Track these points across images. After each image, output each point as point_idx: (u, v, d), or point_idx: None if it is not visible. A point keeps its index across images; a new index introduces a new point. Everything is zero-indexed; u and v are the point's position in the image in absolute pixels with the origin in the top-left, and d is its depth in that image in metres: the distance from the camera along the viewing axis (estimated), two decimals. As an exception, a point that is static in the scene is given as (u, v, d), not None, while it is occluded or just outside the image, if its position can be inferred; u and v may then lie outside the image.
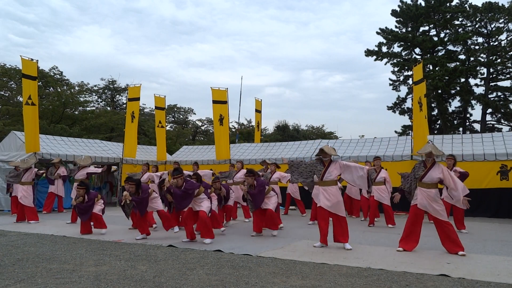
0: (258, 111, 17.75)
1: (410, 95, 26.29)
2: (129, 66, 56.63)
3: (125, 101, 27.90)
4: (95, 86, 30.60)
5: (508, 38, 27.96)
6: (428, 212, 6.11)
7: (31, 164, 10.44)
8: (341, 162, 6.64)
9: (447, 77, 26.95)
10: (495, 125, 29.40)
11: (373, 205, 9.33)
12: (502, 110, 27.83)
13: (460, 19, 29.40)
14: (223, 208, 8.90)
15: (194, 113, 36.73)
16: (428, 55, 29.13)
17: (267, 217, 7.59)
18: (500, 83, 28.85)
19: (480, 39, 29.24)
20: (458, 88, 28.51)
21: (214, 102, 14.33)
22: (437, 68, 27.68)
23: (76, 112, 26.39)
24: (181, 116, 36.01)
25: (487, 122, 29.03)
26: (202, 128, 35.75)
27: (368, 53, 30.73)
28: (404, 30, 30.64)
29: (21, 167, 10.30)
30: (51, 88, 26.27)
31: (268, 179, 9.10)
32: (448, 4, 28.91)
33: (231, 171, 10.56)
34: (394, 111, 31.60)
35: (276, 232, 7.64)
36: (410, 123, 13.52)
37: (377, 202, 9.28)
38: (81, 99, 26.88)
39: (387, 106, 31.72)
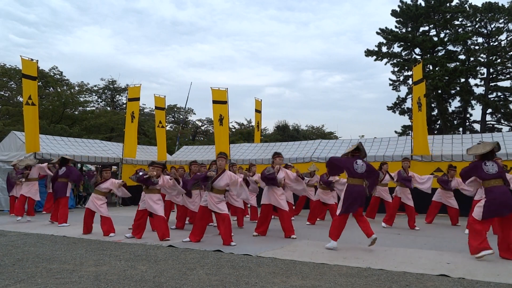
0: (258, 111, 17.75)
1: (410, 95, 26.28)
2: (129, 66, 56.70)
3: (125, 101, 27.86)
4: (95, 86, 30.64)
5: (508, 38, 27.95)
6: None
7: (25, 163, 10.42)
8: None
9: (447, 77, 26.92)
10: (495, 125, 29.39)
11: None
12: (502, 110, 27.82)
13: (460, 19, 29.38)
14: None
15: (194, 113, 36.63)
16: (428, 55, 29.11)
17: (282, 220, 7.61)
18: (500, 83, 28.85)
19: (480, 39, 29.22)
20: (458, 88, 28.49)
21: (214, 102, 14.34)
22: (437, 68, 27.66)
23: (76, 112, 26.38)
24: (181, 116, 35.98)
25: (487, 122, 29.01)
26: (202, 128, 35.73)
27: (368, 53, 30.70)
28: (404, 30, 30.60)
29: (20, 165, 10.37)
30: (51, 88, 26.27)
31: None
32: (448, 4, 28.89)
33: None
34: (394, 111, 31.59)
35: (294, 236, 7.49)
36: (410, 123, 13.52)
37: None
38: (81, 99, 26.89)
39: (387, 106, 31.74)
